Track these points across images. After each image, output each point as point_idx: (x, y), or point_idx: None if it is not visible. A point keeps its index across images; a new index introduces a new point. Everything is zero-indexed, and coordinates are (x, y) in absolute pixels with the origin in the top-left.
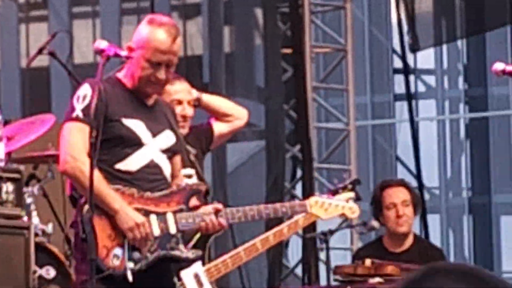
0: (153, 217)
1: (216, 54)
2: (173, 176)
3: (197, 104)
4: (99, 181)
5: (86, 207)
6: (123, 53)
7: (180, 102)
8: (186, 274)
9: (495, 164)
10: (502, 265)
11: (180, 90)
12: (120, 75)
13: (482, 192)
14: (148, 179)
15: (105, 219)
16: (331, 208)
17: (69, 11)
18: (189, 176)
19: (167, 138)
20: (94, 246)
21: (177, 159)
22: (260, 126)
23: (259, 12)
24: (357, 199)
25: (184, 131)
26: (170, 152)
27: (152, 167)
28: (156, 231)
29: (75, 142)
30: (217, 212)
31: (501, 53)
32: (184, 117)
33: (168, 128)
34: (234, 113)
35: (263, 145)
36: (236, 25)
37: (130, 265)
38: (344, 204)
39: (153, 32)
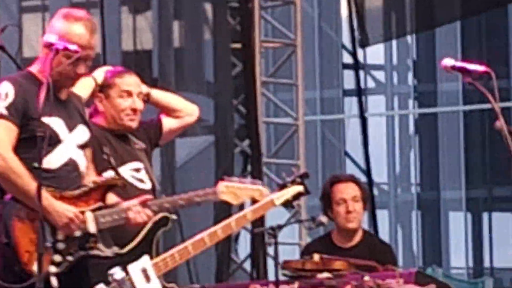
0: (89, 215)
1: (165, 49)
2: (87, 167)
3: (147, 99)
4: (27, 179)
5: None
6: (72, 47)
7: (130, 94)
8: (134, 269)
9: (443, 160)
10: (450, 261)
11: (130, 83)
12: (34, 70)
13: (430, 188)
14: (68, 177)
15: (27, 223)
16: (241, 192)
17: (19, 4)
18: (137, 170)
19: (82, 133)
20: (14, 246)
21: (88, 152)
22: (209, 121)
23: (208, 7)
24: (306, 192)
25: (133, 124)
26: (85, 147)
27: (71, 164)
28: (92, 227)
29: (1, 140)
30: (144, 203)
31: (451, 49)
32: (134, 111)
33: (81, 123)
34: (183, 109)
35: (212, 140)
36: (185, 20)
37: (53, 269)
38: (253, 187)
39: (70, 27)
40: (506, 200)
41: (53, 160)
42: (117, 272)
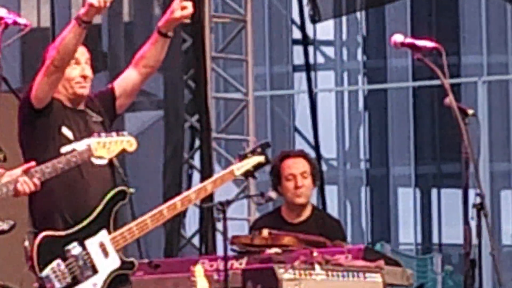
0: None
1: (115, 23)
2: None
3: None
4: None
5: None
6: (22, 21)
7: (78, 63)
8: (91, 244)
9: (393, 136)
10: (399, 237)
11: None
12: None
13: (380, 164)
14: None
15: None
16: (112, 145)
17: None
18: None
19: None
20: None
21: None
22: (158, 96)
23: None
24: (266, 162)
25: (85, 91)
26: None
27: None
28: None
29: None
30: (27, 171)
31: (401, 25)
32: (84, 77)
33: None
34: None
35: (161, 115)
36: None
37: None
38: (122, 139)
39: None
40: (455, 177)
41: None
42: (74, 247)
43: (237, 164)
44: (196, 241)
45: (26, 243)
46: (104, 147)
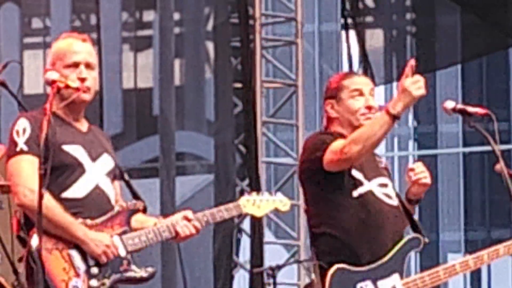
0: (116, 239)
1: (166, 87)
2: (117, 199)
3: None
4: (59, 211)
5: (35, 242)
6: (74, 84)
7: (361, 93)
8: (384, 285)
9: (443, 202)
10: None
11: (359, 82)
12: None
13: (429, 229)
14: (96, 204)
15: (57, 252)
16: (263, 204)
17: (20, 41)
18: (385, 185)
19: (107, 161)
20: (42, 279)
21: (116, 183)
22: (209, 159)
23: (210, 46)
24: None
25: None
26: (111, 175)
27: (98, 192)
28: (122, 251)
29: (29, 174)
30: (186, 217)
31: (451, 91)
32: (369, 108)
33: (105, 152)
34: None
35: (212, 179)
36: (187, 58)
37: None
38: (274, 198)
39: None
40: (501, 239)
41: (79, 189)
42: (367, 286)
43: None
44: None
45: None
46: (254, 204)
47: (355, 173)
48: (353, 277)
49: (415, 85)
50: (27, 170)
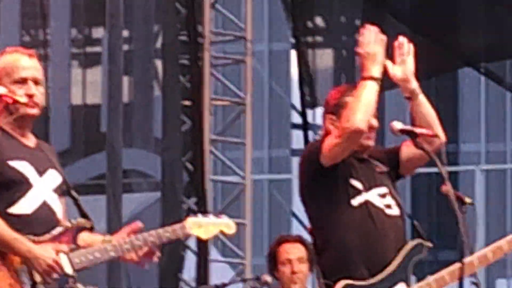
0: (63, 256)
1: (114, 104)
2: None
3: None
4: (3, 228)
5: None
6: (22, 99)
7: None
8: None
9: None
10: None
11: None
12: None
13: None
14: (43, 221)
15: (3, 269)
16: (209, 227)
17: None
18: (383, 196)
19: (54, 177)
20: None
21: (63, 200)
22: (156, 177)
23: (159, 64)
24: None
25: (370, 142)
26: (59, 191)
27: (45, 208)
28: (68, 269)
29: None
30: (134, 233)
31: (400, 113)
32: (370, 128)
33: (53, 168)
34: (435, 128)
35: (159, 197)
36: (135, 75)
37: None
38: (220, 221)
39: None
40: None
41: (26, 205)
42: None
43: None
44: None
45: None
46: (199, 227)
47: (354, 182)
48: None
49: (368, 45)
50: None
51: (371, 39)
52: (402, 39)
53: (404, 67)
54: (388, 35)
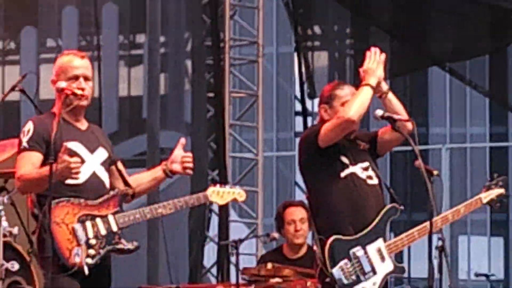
0: (98, 220)
1: (153, 96)
2: (111, 184)
3: (381, 95)
4: (36, 171)
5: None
6: (78, 92)
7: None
8: (371, 248)
9: None
10: None
11: (347, 93)
12: (54, 109)
13: None
14: (93, 188)
15: (63, 227)
16: (225, 194)
17: (37, 57)
18: (366, 168)
19: (102, 153)
20: (51, 245)
21: (113, 168)
22: None
23: (188, 63)
24: (506, 195)
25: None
26: (106, 164)
27: (95, 179)
28: (103, 231)
29: (23, 166)
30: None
31: (379, 103)
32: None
33: (101, 146)
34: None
35: None
36: (170, 73)
37: (89, 260)
38: (234, 190)
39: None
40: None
41: (79, 176)
42: (358, 250)
43: (484, 193)
44: (214, 270)
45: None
46: (218, 194)
47: (343, 158)
48: (346, 244)
49: (373, 63)
50: (23, 163)
51: (371, 58)
52: (374, 49)
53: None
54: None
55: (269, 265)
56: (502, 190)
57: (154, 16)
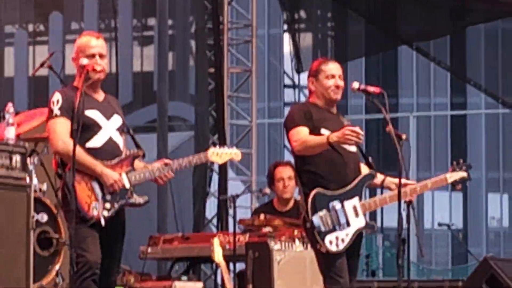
0: (124, 175)
1: (162, 71)
2: (124, 146)
3: None
4: (84, 155)
5: (70, 174)
6: (98, 68)
7: (333, 76)
8: (348, 204)
9: None
10: None
11: (332, 68)
12: (75, 83)
13: None
14: (109, 151)
15: (83, 183)
16: (224, 155)
17: (63, 38)
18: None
19: (117, 120)
20: (74, 200)
21: (123, 136)
22: (191, 121)
23: (192, 43)
24: (468, 178)
25: (338, 96)
26: (120, 130)
27: (111, 143)
28: (127, 184)
29: (61, 131)
30: (166, 165)
31: (357, 76)
32: (337, 87)
33: (116, 113)
34: None
35: (193, 135)
36: (177, 51)
37: (105, 213)
38: (231, 151)
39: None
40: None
41: (97, 140)
42: (337, 204)
43: (449, 174)
44: (214, 221)
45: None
46: (217, 155)
47: (324, 131)
48: (327, 198)
49: (349, 136)
50: (60, 128)
51: (354, 134)
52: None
53: None
54: (350, 23)
55: (262, 217)
56: (465, 174)
57: (163, 2)
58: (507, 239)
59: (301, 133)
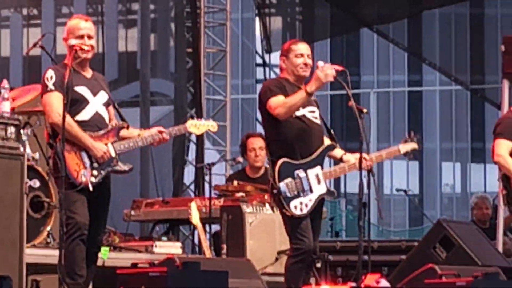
0: (110, 145)
1: (145, 51)
2: (110, 119)
3: None
4: (77, 128)
5: (60, 144)
6: (85, 47)
7: (302, 55)
8: (311, 173)
9: None
10: None
11: (302, 48)
12: (66, 61)
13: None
14: (96, 124)
15: (73, 153)
16: (201, 126)
17: (54, 21)
18: (313, 112)
19: (103, 96)
20: (64, 168)
21: (110, 108)
22: (171, 96)
23: (172, 26)
24: (418, 150)
25: (306, 73)
26: (106, 105)
27: (97, 116)
28: (113, 153)
29: (56, 104)
30: (161, 132)
31: (323, 56)
32: (306, 65)
33: (102, 89)
34: None
35: (172, 109)
36: (158, 33)
37: (93, 179)
38: (207, 123)
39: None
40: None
41: (85, 114)
42: (301, 172)
43: (402, 145)
44: (192, 187)
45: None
46: (195, 126)
47: None
48: (292, 166)
49: (323, 72)
50: (55, 101)
51: (327, 70)
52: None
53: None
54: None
55: (235, 183)
56: (416, 145)
57: None
58: (459, 203)
59: (280, 99)
